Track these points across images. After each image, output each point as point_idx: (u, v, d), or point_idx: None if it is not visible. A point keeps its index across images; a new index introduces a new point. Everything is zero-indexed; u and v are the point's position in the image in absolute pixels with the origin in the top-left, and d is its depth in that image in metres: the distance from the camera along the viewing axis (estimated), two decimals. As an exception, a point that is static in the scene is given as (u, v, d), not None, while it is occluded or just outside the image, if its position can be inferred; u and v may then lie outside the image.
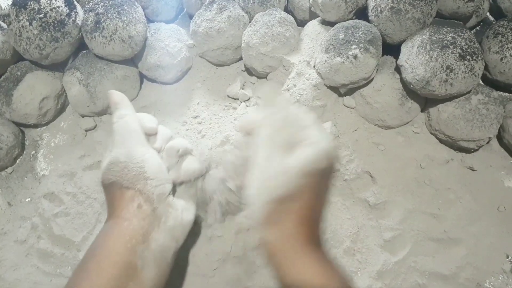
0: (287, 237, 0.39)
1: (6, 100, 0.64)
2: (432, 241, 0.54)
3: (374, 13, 0.58)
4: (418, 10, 0.55)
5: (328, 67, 0.56)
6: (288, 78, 0.61)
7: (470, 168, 0.59)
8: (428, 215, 0.56)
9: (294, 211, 0.39)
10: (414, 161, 0.59)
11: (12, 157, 0.65)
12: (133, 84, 0.68)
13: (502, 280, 0.51)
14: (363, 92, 0.60)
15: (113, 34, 0.60)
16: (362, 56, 0.54)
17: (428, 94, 0.55)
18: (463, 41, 0.53)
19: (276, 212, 0.39)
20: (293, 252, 0.38)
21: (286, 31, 0.62)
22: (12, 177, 0.65)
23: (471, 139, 0.56)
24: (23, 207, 0.62)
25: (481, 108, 0.55)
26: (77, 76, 0.64)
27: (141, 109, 0.68)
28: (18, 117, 0.65)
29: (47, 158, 0.66)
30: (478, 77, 0.54)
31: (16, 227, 0.60)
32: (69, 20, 0.61)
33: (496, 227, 0.55)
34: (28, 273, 0.56)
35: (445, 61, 0.52)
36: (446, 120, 0.57)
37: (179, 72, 0.68)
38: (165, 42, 0.66)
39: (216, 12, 0.65)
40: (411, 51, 0.55)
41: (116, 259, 0.38)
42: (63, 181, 0.63)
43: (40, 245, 0.58)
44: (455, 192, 0.57)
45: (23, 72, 0.65)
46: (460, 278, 0.52)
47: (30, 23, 0.58)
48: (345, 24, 0.58)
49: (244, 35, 0.64)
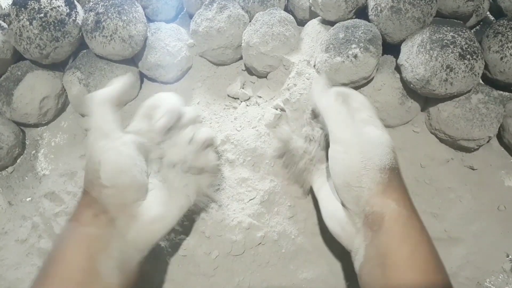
0: (406, 207, 0.39)
1: (7, 100, 0.64)
2: (432, 240, 0.54)
3: (374, 12, 0.58)
4: (418, 10, 0.55)
5: (328, 66, 0.56)
6: (288, 78, 0.61)
7: (470, 168, 0.59)
8: (428, 214, 0.56)
9: (402, 184, 0.40)
10: (414, 161, 0.59)
11: (12, 156, 0.65)
12: (133, 84, 0.68)
13: (502, 279, 0.51)
14: (363, 92, 0.60)
15: (113, 33, 0.60)
16: (362, 56, 0.54)
17: (428, 94, 0.55)
18: (463, 40, 0.53)
19: (392, 181, 0.39)
20: (411, 224, 0.38)
21: (286, 31, 0.62)
22: (13, 177, 0.65)
23: (471, 139, 0.56)
24: (23, 206, 0.62)
25: (481, 107, 0.55)
26: (77, 76, 0.64)
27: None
28: (18, 117, 0.65)
29: (48, 157, 0.66)
30: (478, 77, 0.54)
31: (17, 226, 0.60)
32: (70, 20, 0.61)
33: (496, 226, 0.55)
34: (28, 273, 0.56)
35: (445, 61, 0.52)
36: (446, 119, 0.57)
37: (179, 71, 0.68)
38: (165, 42, 0.66)
39: (216, 12, 0.65)
40: (411, 50, 0.55)
41: (78, 265, 0.36)
42: (63, 180, 0.63)
43: (41, 244, 0.58)
44: (455, 191, 0.57)
45: (23, 72, 0.65)
46: (460, 277, 0.52)
47: (30, 22, 0.58)
48: (345, 24, 0.58)
49: (244, 35, 0.64)
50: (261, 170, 0.56)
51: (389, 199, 0.38)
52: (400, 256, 0.37)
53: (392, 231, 0.37)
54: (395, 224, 0.38)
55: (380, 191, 0.39)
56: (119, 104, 0.42)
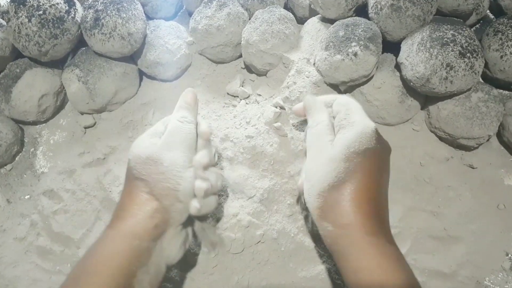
0: (344, 227, 0.37)
1: (5, 97, 0.64)
2: (431, 239, 0.54)
3: (374, 10, 0.58)
4: (418, 8, 0.55)
5: (328, 64, 0.56)
6: (288, 76, 0.61)
7: (470, 166, 0.59)
8: (428, 213, 0.56)
9: (347, 197, 0.38)
10: (414, 159, 0.59)
11: (11, 154, 0.65)
12: (133, 81, 0.68)
13: (501, 278, 0.51)
14: (363, 90, 0.60)
15: (112, 31, 0.60)
16: (362, 54, 0.54)
17: (428, 92, 0.55)
18: (463, 38, 0.53)
19: (329, 202, 0.39)
20: (349, 243, 0.37)
21: (286, 29, 0.62)
22: (11, 174, 0.65)
23: (471, 137, 0.56)
24: (22, 204, 0.62)
25: (481, 106, 0.55)
26: (76, 73, 0.64)
27: (140, 106, 0.68)
28: (17, 114, 0.65)
29: (46, 155, 0.66)
30: (478, 75, 0.54)
31: (15, 224, 0.60)
32: (68, 17, 0.61)
33: (495, 225, 0.55)
34: (27, 270, 0.56)
35: (445, 59, 0.52)
36: (446, 118, 0.57)
37: (178, 69, 0.68)
38: (164, 39, 0.65)
39: (215, 9, 0.65)
40: (411, 48, 0.55)
41: (116, 281, 0.36)
42: (62, 178, 0.63)
43: (39, 242, 0.58)
44: (455, 190, 0.57)
45: (22, 69, 0.65)
46: (460, 276, 0.52)
47: (29, 20, 0.58)
48: (345, 22, 0.58)
49: (244, 32, 0.64)
50: (260, 168, 0.56)
51: (324, 221, 0.40)
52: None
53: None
54: (332, 249, 0.40)
55: (318, 215, 0.40)
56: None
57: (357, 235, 0.37)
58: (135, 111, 0.67)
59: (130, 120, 0.66)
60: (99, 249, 0.38)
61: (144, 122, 0.66)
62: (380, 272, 0.35)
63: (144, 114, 0.66)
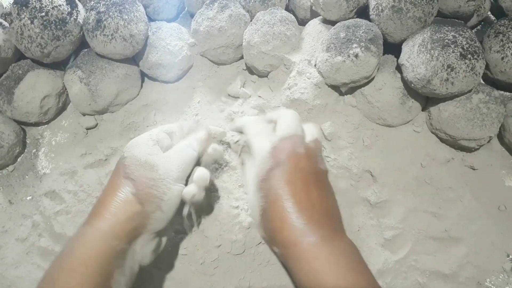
0: (287, 247, 0.39)
1: (8, 99, 0.64)
2: (432, 240, 0.54)
3: (375, 12, 0.58)
4: (419, 9, 0.55)
5: (329, 66, 0.56)
6: (289, 77, 0.61)
7: (471, 167, 0.59)
8: (428, 214, 0.56)
9: (278, 221, 0.39)
10: (415, 160, 0.59)
11: (13, 155, 0.65)
12: (134, 83, 0.68)
13: (502, 279, 0.51)
14: (364, 91, 0.60)
15: (114, 32, 0.60)
16: (363, 55, 0.54)
17: (429, 93, 0.55)
18: (464, 40, 0.53)
19: (267, 229, 0.41)
20: (296, 260, 0.38)
21: (287, 30, 0.62)
22: (13, 175, 0.65)
23: (472, 138, 0.56)
24: (24, 205, 0.62)
25: (482, 107, 0.55)
26: (78, 75, 0.64)
27: (142, 107, 0.68)
28: (19, 116, 0.65)
29: (48, 156, 0.66)
30: (479, 76, 0.54)
31: (17, 225, 0.60)
32: (71, 19, 0.61)
33: (496, 226, 0.55)
34: (29, 271, 0.56)
35: (446, 60, 0.52)
36: (447, 119, 0.57)
37: (180, 70, 0.68)
38: (166, 41, 0.66)
39: (217, 11, 0.65)
40: (412, 50, 0.55)
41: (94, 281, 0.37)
42: (64, 179, 0.63)
43: (41, 243, 0.58)
44: (455, 191, 0.57)
45: (24, 71, 0.65)
46: (461, 277, 0.52)
47: (31, 21, 0.58)
48: (346, 23, 0.58)
49: (245, 34, 0.64)
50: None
51: (273, 246, 0.42)
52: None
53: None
54: (286, 267, 0.42)
55: (267, 241, 0.43)
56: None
57: (299, 251, 0.38)
58: (137, 112, 0.67)
59: (131, 121, 0.66)
60: (78, 248, 0.39)
61: (146, 124, 0.66)
62: (328, 279, 0.36)
63: (145, 115, 0.67)
